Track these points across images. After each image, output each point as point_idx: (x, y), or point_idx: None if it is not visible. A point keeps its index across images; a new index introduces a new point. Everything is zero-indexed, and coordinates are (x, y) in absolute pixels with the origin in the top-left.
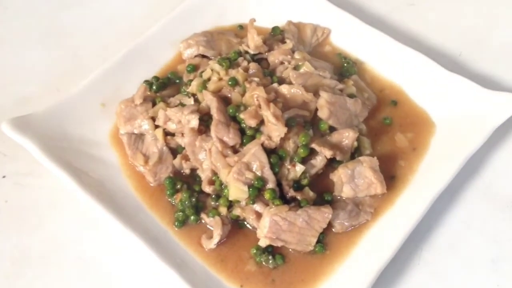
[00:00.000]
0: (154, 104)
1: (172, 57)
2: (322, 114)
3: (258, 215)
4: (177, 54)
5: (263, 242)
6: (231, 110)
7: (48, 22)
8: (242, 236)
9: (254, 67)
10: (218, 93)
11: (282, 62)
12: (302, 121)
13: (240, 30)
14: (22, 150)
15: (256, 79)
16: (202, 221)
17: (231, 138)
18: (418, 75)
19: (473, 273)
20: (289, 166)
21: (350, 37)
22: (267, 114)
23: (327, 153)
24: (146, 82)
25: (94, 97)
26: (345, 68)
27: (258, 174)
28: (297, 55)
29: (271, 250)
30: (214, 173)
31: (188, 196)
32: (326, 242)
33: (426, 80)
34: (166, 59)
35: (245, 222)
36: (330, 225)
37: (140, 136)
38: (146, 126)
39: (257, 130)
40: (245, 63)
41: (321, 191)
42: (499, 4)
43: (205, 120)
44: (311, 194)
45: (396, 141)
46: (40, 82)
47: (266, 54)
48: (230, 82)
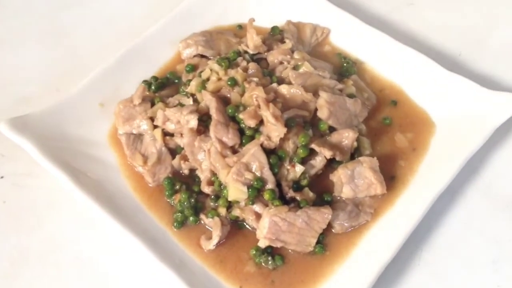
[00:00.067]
0: (153, 104)
1: (171, 57)
2: (322, 114)
3: (258, 216)
4: (176, 54)
5: (263, 243)
6: (230, 110)
7: (47, 21)
8: (241, 237)
9: (253, 67)
10: (217, 93)
11: (281, 62)
12: (302, 121)
13: (239, 30)
14: (20, 150)
15: (255, 79)
16: (201, 221)
17: (230, 138)
18: (418, 75)
19: (473, 273)
20: (288, 167)
21: (349, 37)
22: (267, 114)
23: (327, 153)
24: (145, 82)
25: (93, 97)
26: (344, 68)
27: (258, 174)
28: (296, 55)
29: (271, 251)
30: (213, 173)
31: (187, 196)
32: (326, 243)
33: (426, 80)
34: (165, 59)
35: (244, 223)
36: (329, 225)
37: (138, 136)
38: (144, 126)
39: (256, 131)
40: (244, 63)
41: (320, 192)
42: (499, 3)
43: (204, 120)
44: (311, 194)
45: (396, 141)
46: (38, 82)
47: (266, 54)
48: (229, 82)
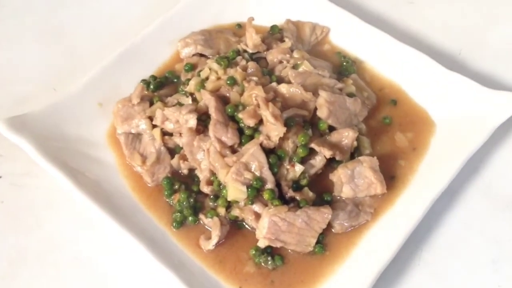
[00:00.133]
0: (151, 103)
1: (169, 56)
2: (322, 113)
3: (257, 216)
4: (174, 53)
5: (262, 243)
6: (230, 110)
7: (45, 20)
8: (240, 237)
9: (252, 66)
10: (216, 92)
11: (281, 61)
12: (301, 120)
13: (238, 29)
14: (18, 150)
15: (254, 78)
16: (201, 221)
17: (230, 138)
18: (417, 74)
19: (473, 273)
20: (288, 166)
21: (349, 35)
22: (266, 113)
23: (327, 153)
24: (143, 81)
25: (91, 96)
26: (344, 67)
27: (257, 174)
28: (296, 54)
29: (270, 251)
30: (213, 173)
31: (186, 196)
32: (326, 243)
33: (425, 79)
34: (163, 58)
35: (243, 223)
36: (329, 225)
37: (137, 136)
38: (143, 125)
39: (255, 130)
40: (243, 62)
41: (320, 191)
42: (499, 2)
43: (203, 119)
44: (311, 194)
45: (396, 140)
46: (36, 81)
47: (265, 53)
48: (228, 81)
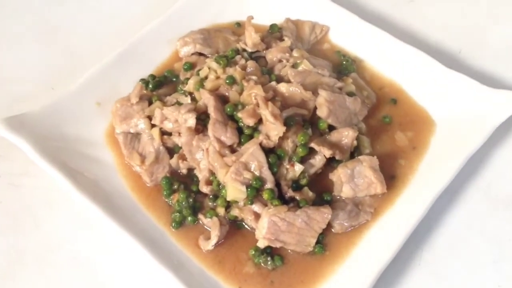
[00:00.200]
0: (150, 103)
1: (168, 55)
2: (321, 112)
3: (257, 216)
4: (173, 52)
5: (262, 243)
6: (229, 109)
7: (43, 19)
8: (240, 237)
9: (252, 65)
10: (215, 91)
11: (280, 60)
12: (301, 120)
13: (237, 28)
14: (16, 149)
15: (254, 78)
16: (200, 222)
17: (229, 137)
18: (417, 73)
19: (474, 273)
20: (287, 166)
21: (349, 34)
22: (265, 113)
23: (326, 152)
24: (142, 80)
25: (90, 96)
26: (344, 66)
27: (256, 174)
28: (295, 53)
29: (270, 251)
30: (212, 173)
31: (185, 196)
32: (326, 243)
33: (425, 78)
34: (162, 57)
35: (243, 223)
36: (329, 225)
37: (136, 135)
38: (142, 125)
39: (255, 129)
40: (242, 61)
41: (320, 191)
42: (499, 1)
43: (202, 119)
44: (310, 194)
45: (396, 140)
46: (34, 81)
47: (264, 52)
48: (227, 81)
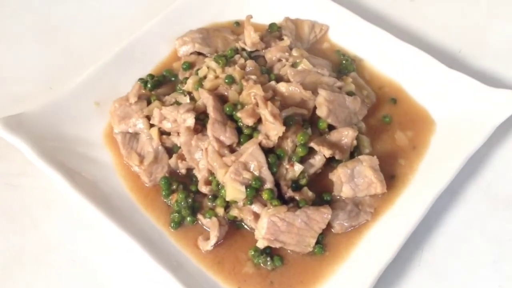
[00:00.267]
0: (149, 102)
1: (167, 54)
2: (321, 112)
3: (256, 216)
4: (172, 51)
5: (261, 244)
6: (228, 109)
7: (41, 18)
8: (239, 237)
9: (251, 65)
10: (214, 91)
11: (279, 60)
12: (301, 119)
13: (236, 27)
14: (14, 149)
15: (253, 77)
16: (199, 222)
17: (228, 137)
18: (417, 72)
19: (474, 273)
20: (287, 166)
21: (348, 33)
22: (265, 112)
23: (326, 152)
24: (140, 80)
25: (88, 95)
26: (343, 65)
27: (256, 174)
28: (294, 52)
29: (269, 252)
30: (211, 173)
31: (184, 196)
32: (325, 243)
33: (425, 77)
34: (161, 57)
35: (242, 223)
36: (329, 225)
37: (134, 135)
38: (141, 125)
39: (254, 129)
40: (242, 61)
41: (320, 191)
42: (499, 0)
43: (201, 119)
44: (310, 194)
45: (396, 139)
46: (32, 80)
47: (263, 51)
48: (226, 80)
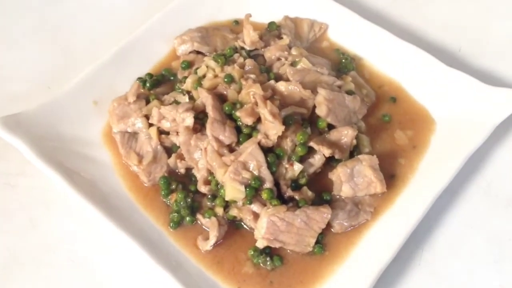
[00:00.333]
0: (148, 101)
1: (166, 53)
2: (320, 111)
3: (256, 216)
4: (171, 50)
5: (261, 243)
6: (227, 108)
7: (39, 18)
8: (239, 237)
9: (250, 64)
10: (213, 90)
11: (279, 58)
12: (300, 118)
13: (235, 26)
14: (12, 149)
15: (252, 76)
16: (198, 222)
17: (227, 136)
18: (417, 71)
19: (475, 273)
20: (286, 165)
21: (348, 32)
22: (264, 111)
23: (326, 151)
24: (139, 79)
25: (86, 95)
26: (343, 64)
27: (255, 173)
28: (294, 51)
29: (269, 251)
30: (210, 172)
31: (183, 196)
32: (325, 243)
33: (425, 76)
34: (160, 56)
35: (242, 223)
36: (329, 225)
37: (133, 134)
38: (139, 124)
39: (253, 129)
40: (241, 60)
41: (319, 191)
42: None
43: (200, 118)
44: (310, 193)
45: (395, 138)
46: (30, 79)
47: (263, 50)
48: (225, 79)
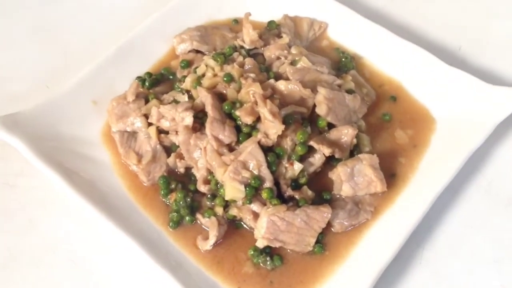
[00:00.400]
0: (147, 101)
1: (165, 52)
2: (320, 110)
3: (255, 215)
4: (170, 49)
5: (261, 243)
6: (227, 107)
7: (38, 17)
8: (239, 236)
9: (249, 63)
10: (213, 89)
11: (278, 57)
12: (300, 118)
13: (235, 25)
14: (11, 149)
15: (252, 75)
16: (198, 221)
17: (227, 136)
18: (417, 70)
19: (476, 273)
20: (286, 165)
21: (348, 31)
22: (264, 111)
23: (326, 150)
24: (138, 78)
25: (85, 94)
26: (343, 63)
27: (255, 173)
28: (293, 50)
29: (269, 251)
30: (210, 172)
31: (182, 196)
32: (325, 242)
33: (425, 75)
34: (159, 55)
35: (242, 223)
36: (329, 224)
37: (132, 134)
38: (139, 123)
39: (253, 128)
40: (240, 59)
41: (319, 190)
42: None
43: (199, 117)
44: (310, 193)
45: (396, 137)
46: (28, 79)
47: (262, 49)
48: (225, 78)
